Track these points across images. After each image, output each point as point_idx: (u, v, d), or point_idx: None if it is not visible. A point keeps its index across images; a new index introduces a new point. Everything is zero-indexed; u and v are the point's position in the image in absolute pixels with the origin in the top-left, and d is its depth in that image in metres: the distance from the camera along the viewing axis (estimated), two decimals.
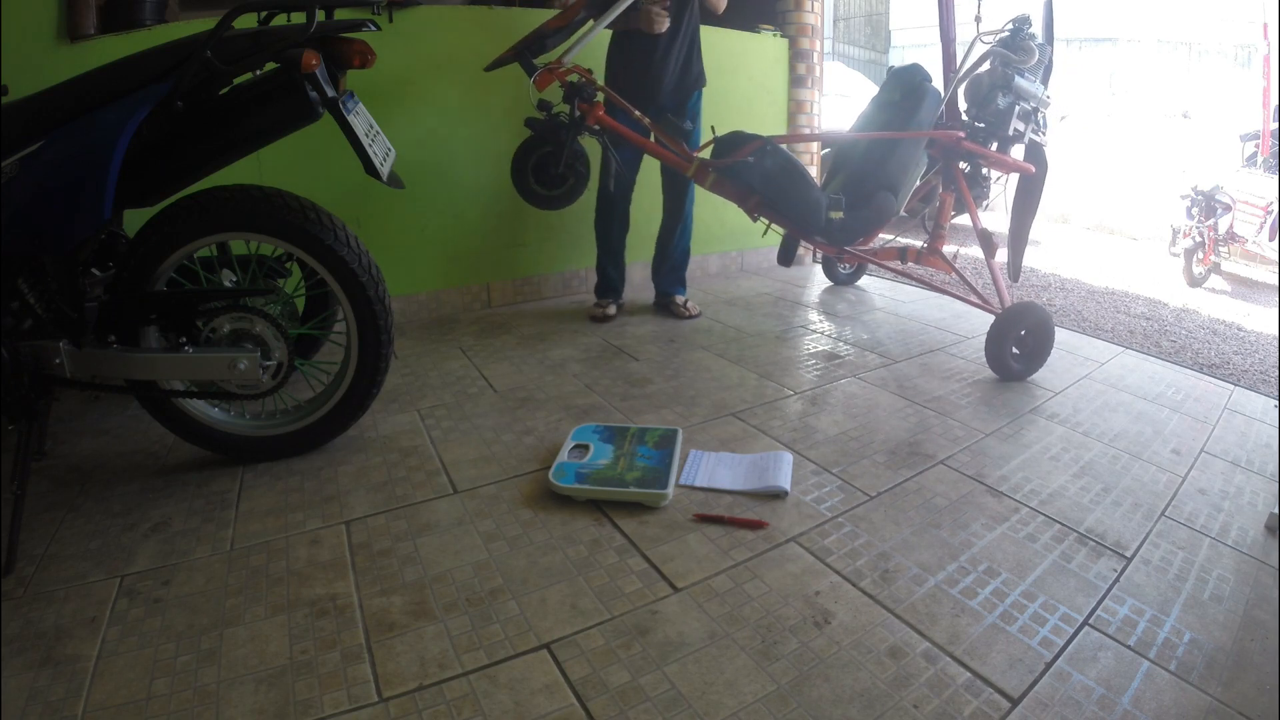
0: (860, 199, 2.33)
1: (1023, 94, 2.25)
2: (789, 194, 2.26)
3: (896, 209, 2.36)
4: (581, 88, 2.24)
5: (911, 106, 2.32)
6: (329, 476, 1.54)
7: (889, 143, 2.32)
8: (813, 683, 1.00)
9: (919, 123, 2.30)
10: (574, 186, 2.33)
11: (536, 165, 2.29)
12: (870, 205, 2.31)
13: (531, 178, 2.31)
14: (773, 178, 2.24)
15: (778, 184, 2.25)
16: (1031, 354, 2.17)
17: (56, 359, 1.35)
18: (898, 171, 2.32)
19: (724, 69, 3.30)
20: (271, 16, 1.53)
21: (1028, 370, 2.18)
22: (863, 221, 2.33)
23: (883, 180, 2.31)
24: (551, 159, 2.26)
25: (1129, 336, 3.42)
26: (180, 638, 1.07)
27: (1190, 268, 5.11)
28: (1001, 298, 2.23)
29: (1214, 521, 1.46)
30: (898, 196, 2.34)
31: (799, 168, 2.30)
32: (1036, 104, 2.29)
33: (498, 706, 0.95)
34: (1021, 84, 2.24)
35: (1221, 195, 5.53)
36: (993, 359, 2.15)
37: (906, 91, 2.38)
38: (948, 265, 2.40)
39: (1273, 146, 6.13)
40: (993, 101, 2.27)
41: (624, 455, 1.58)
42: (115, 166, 1.26)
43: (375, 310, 1.52)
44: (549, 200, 2.35)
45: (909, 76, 2.41)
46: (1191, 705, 0.99)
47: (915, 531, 1.37)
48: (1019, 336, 2.15)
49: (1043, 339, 2.15)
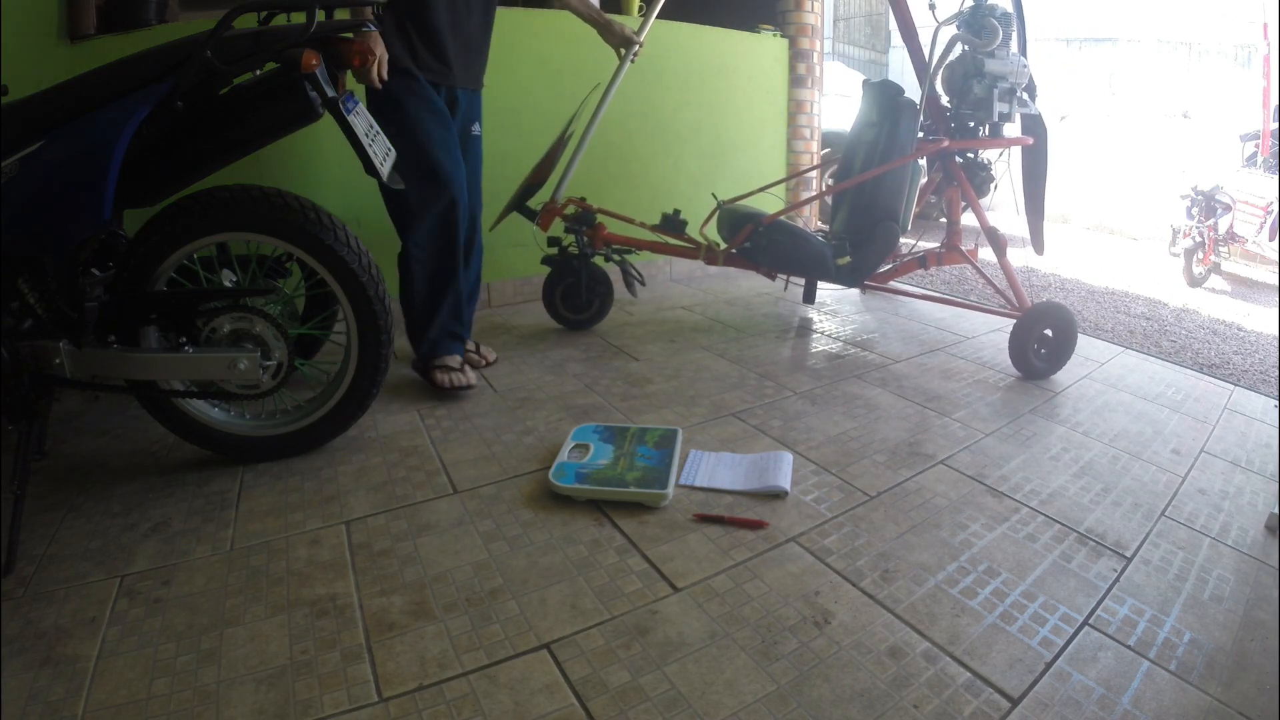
0: (864, 236, 2.37)
1: (997, 75, 2.21)
2: (793, 258, 2.41)
3: (901, 231, 2.38)
4: (581, 216, 2.41)
5: (890, 127, 2.32)
6: (329, 476, 1.54)
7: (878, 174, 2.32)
8: (813, 683, 1.00)
9: (900, 142, 2.30)
10: (601, 306, 2.54)
11: (563, 295, 2.52)
12: (874, 240, 2.36)
13: (561, 307, 2.54)
14: (773, 251, 2.39)
15: (779, 254, 2.40)
16: (1055, 352, 2.18)
17: (56, 359, 1.35)
18: (892, 198, 2.34)
19: (724, 69, 3.31)
20: (271, 16, 1.53)
21: (1051, 369, 2.19)
22: (872, 257, 2.39)
23: (879, 213, 2.35)
24: (573, 289, 2.49)
25: (1129, 336, 3.42)
26: (180, 638, 1.07)
27: (1190, 268, 5.10)
28: (1020, 297, 2.24)
29: (1214, 521, 1.46)
30: (899, 220, 2.36)
31: (795, 233, 2.39)
32: (1014, 80, 2.23)
33: (498, 706, 0.95)
34: (993, 65, 2.19)
35: (1221, 195, 5.53)
36: (1017, 358, 2.16)
37: (883, 111, 2.38)
38: (968, 259, 2.41)
39: (1273, 146, 6.13)
40: (970, 90, 2.25)
41: (624, 455, 1.58)
42: (115, 166, 1.26)
43: (375, 310, 1.52)
44: (581, 323, 2.56)
45: (881, 95, 2.40)
46: (1191, 705, 0.99)
47: (915, 531, 1.37)
48: (1043, 336, 2.17)
49: (1067, 337, 2.16)
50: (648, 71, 3.03)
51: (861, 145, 2.48)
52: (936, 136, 2.38)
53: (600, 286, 2.50)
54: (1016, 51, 2.26)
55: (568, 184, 2.38)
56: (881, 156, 2.33)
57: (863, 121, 2.51)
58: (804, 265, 2.42)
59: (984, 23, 2.17)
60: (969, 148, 2.34)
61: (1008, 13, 2.23)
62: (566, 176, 2.37)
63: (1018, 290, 2.25)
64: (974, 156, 2.41)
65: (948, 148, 2.31)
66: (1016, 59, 2.23)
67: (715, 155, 3.36)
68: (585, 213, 2.41)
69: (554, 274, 2.49)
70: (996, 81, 2.22)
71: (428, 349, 1.97)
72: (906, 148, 2.30)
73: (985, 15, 2.18)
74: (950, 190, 2.40)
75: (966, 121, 2.33)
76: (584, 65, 2.79)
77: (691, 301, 2.96)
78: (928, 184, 2.57)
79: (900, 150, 2.29)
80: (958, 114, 2.34)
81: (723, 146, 3.38)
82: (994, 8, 2.21)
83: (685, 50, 3.15)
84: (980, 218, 2.32)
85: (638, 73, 3.00)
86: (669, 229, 2.47)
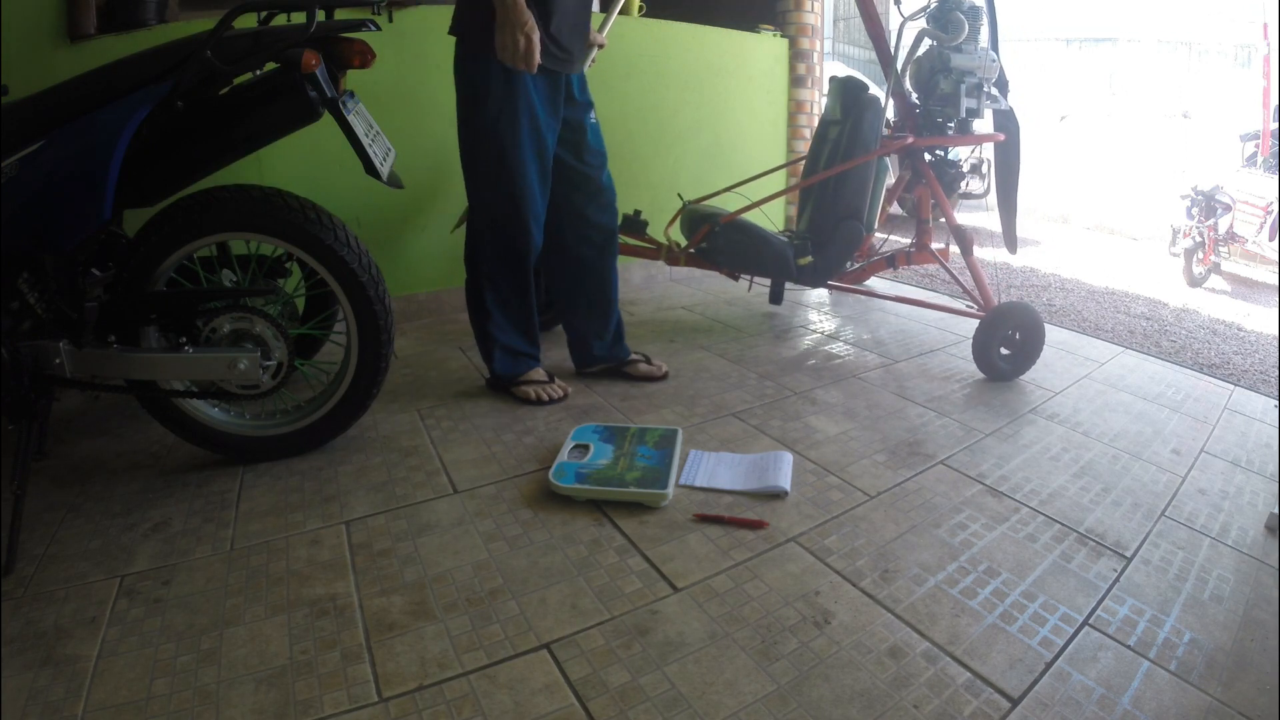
0: (826, 235, 2.35)
1: (964, 70, 2.17)
2: (752, 258, 2.39)
3: (865, 230, 2.36)
4: None
5: (854, 124, 2.30)
6: (329, 476, 1.54)
7: (841, 171, 2.30)
8: (813, 683, 1.00)
9: (863, 139, 2.27)
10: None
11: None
12: (836, 239, 2.34)
13: None
14: (731, 251, 2.38)
15: (738, 255, 2.39)
16: (1021, 354, 2.12)
17: (56, 359, 1.35)
18: (856, 197, 2.32)
19: (724, 69, 3.30)
20: (271, 16, 1.53)
21: (1017, 370, 2.13)
22: (834, 257, 2.37)
23: (842, 210, 2.33)
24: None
25: (1129, 336, 3.42)
26: (180, 638, 1.07)
27: (1190, 268, 5.11)
28: (985, 296, 2.19)
29: (1214, 521, 1.46)
30: (863, 220, 2.35)
31: (753, 232, 2.37)
32: (983, 75, 2.19)
33: (498, 706, 0.95)
34: (959, 61, 2.16)
35: (1221, 195, 5.53)
36: (980, 359, 2.11)
37: (846, 107, 2.36)
38: (938, 259, 2.40)
39: (1273, 146, 6.14)
40: (936, 86, 2.22)
41: (624, 455, 1.58)
42: (115, 166, 1.26)
43: (375, 310, 1.52)
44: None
45: (845, 92, 2.38)
46: (1191, 705, 0.99)
47: (915, 531, 1.37)
48: (1007, 336, 2.12)
49: (1033, 338, 2.10)
50: (648, 71, 3.03)
51: (826, 143, 2.46)
52: (902, 134, 2.34)
53: None
54: (987, 46, 2.22)
55: None
56: (845, 154, 2.31)
57: (827, 119, 2.49)
58: (764, 265, 2.39)
59: (950, 17, 2.15)
60: (935, 144, 2.30)
61: (976, 7, 2.19)
62: None
63: (984, 289, 2.20)
64: (944, 154, 2.38)
65: (913, 144, 2.28)
66: (986, 53, 2.19)
67: (715, 155, 3.36)
68: None
69: None
70: (964, 76, 2.18)
71: (504, 364, 1.90)
72: (870, 145, 2.27)
73: (952, 9, 2.15)
74: (920, 188, 2.38)
75: (934, 118, 2.29)
76: None
77: (691, 301, 2.96)
78: (898, 182, 2.54)
79: (864, 148, 2.27)
80: (925, 110, 2.30)
81: (723, 146, 3.38)
82: (961, 2, 2.17)
83: (685, 50, 3.15)
84: (948, 216, 2.27)
85: (638, 73, 3.01)
86: (630, 230, 2.44)
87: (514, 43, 1.50)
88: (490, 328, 1.86)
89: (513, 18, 1.48)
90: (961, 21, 2.13)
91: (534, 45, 1.51)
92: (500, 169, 1.69)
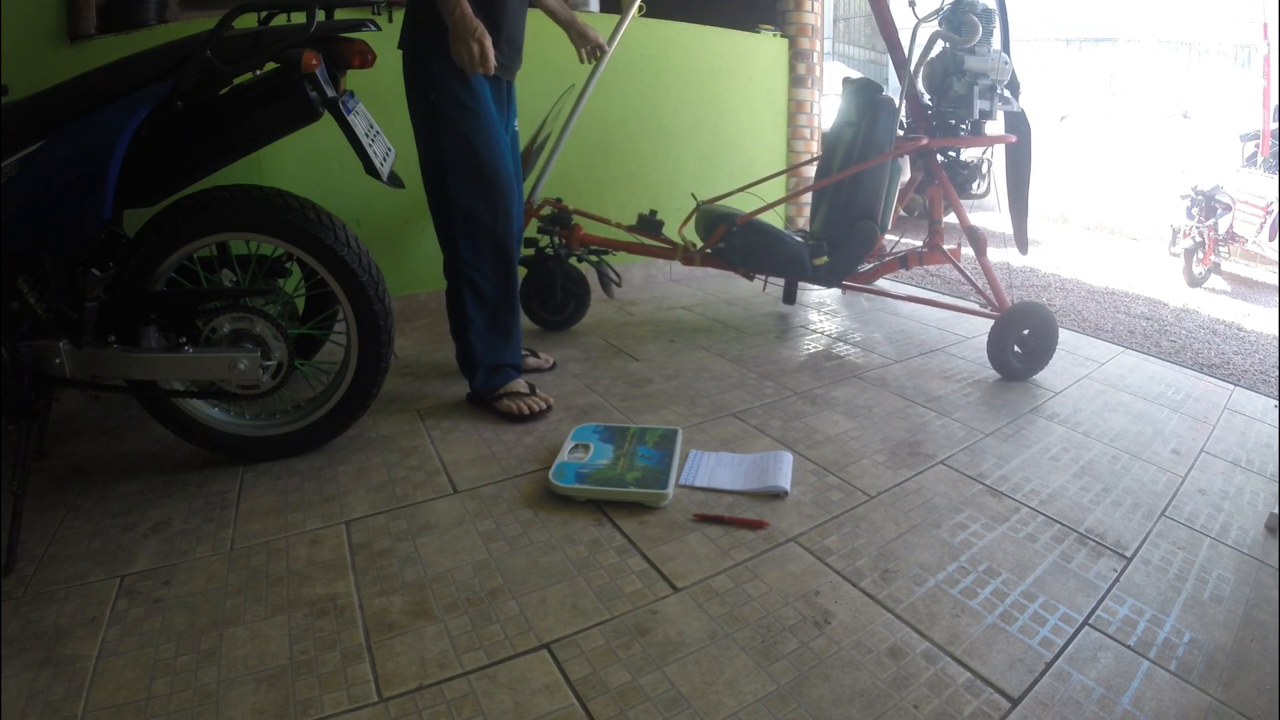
0: (841, 236, 2.36)
1: (977, 72, 2.19)
2: (767, 259, 2.40)
3: (880, 230, 2.37)
4: (556, 217, 2.40)
5: (868, 126, 2.30)
6: (329, 476, 1.54)
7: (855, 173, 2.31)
8: (813, 683, 1.00)
9: (878, 141, 2.28)
10: (576, 308, 2.53)
11: (538, 296, 2.50)
12: (852, 239, 2.34)
13: (537, 308, 2.52)
14: (747, 251, 2.39)
15: (754, 254, 2.40)
16: (1035, 353, 2.16)
17: (56, 359, 1.35)
18: (870, 197, 2.32)
19: (724, 69, 3.31)
20: (271, 16, 1.53)
21: (1031, 370, 2.17)
22: (849, 257, 2.37)
23: (857, 211, 2.33)
24: (548, 290, 2.47)
25: (1129, 336, 3.42)
26: (180, 638, 1.07)
27: (1190, 268, 5.11)
28: (999, 297, 2.22)
29: (1214, 521, 1.46)
30: (878, 220, 2.35)
31: (769, 233, 2.38)
32: (995, 77, 2.21)
33: (498, 706, 0.95)
34: (972, 63, 2.17)
35: (1221, 195, 5.54)
36: (995, 359, 2.15)
37: (861, 109, 2.36)
38: (950, 259, 2.40)
39: (1273, 146, 6.14)
40: (950, 88, 2.23)
41: (624, 455, 1.58)
42: (115, 166, 1.26)
43: (375, 310, 1.52)
44: (557, 324, 2.55)
45: (859, 94, 2.39)
46: (1191, 705, 0.99)
47: (915, 531, 1.37)
48: (1022, 336, 2.15)
49: (1046, 338, 2.14)
50: (647, 71, 3.04)
51: (840, 144, 2.47)
52: (916, 135, 2.36)
53: (575, 287, 2.49)
54: (999, 48, 2.24)
55: (543, 185, 2.37)
56: (859, 155, 2.31)
57: (841, 120, 2.50)
58: (780, 265, 2.40)
59: (964, 19, 2.15)
60: (949, 146, 2.32)
61: (989, 9, 2.20)
62: (542, 178, 2.36)
63: (997, 290, 2.23)
64: (956, 155, 2.40)
65: (927, 146, 2.29)
66: (998, 55, 2.20)
67: (715, 155, 3.36)
68: (561, 213, 2.40)
69: (530, 275, 2.46)
70: (977, 78, 2.19)
71: (485, 379, 1.84)
72: (884, 146, 2.28)
73: (965, 11, 2.16)
74: (932, 189, 2.39)
75: (947, 119, 2.31)
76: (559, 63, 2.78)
77: (691, 301, 2.96)
78: (909, 183, 2.55)
79: (878, 149, 2.27)
80: (938, 112, 2.32)
81: (723, 147, 3.38)
82: (975, 4, 2.18)
83: (685, 50, 3.15)
84: (961, 216, 2.29)
85: (638, 73, 3.01)
86: (645, 230, 2.46)
87: (469, 50, 1.53)
88: (472, 337, 1.82)
89: (464, 28, 1.51)
90: (975, 24, 2.14)
91: (488, 50, 1.54)
92: (485, 172, 1.70)
